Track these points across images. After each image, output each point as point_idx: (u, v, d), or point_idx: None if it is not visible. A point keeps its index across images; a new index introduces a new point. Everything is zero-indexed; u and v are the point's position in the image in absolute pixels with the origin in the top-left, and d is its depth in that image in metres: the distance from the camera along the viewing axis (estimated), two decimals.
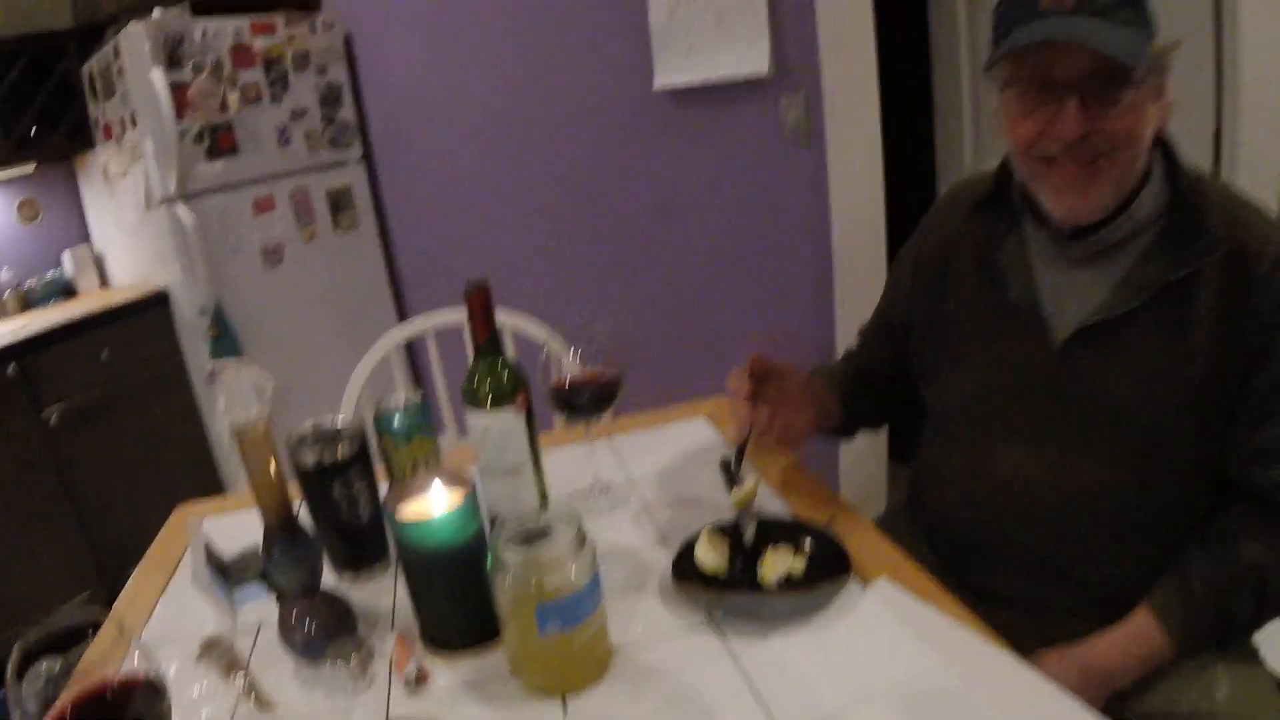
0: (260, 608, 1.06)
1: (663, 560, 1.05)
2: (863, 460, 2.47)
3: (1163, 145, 1.09)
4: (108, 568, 2.86)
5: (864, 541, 1.06)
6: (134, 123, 2.90)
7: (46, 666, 0.69)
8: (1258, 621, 1.07)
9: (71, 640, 0.71)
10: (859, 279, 2.31)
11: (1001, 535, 1.18)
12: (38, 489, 2.68)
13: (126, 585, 1.19)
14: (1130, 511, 1.10)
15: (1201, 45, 1.95)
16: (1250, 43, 1.85)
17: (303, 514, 1.01)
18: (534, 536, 0.87)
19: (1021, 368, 1.15)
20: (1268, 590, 1.03)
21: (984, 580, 1.18)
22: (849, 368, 1.44)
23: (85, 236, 3.50)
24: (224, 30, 2.99)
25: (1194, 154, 2.00)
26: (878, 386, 1.41)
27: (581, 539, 0.84)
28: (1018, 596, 1.16)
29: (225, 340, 2.95)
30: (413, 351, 1.74)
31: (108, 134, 3.11)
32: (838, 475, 2.52)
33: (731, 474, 1.16)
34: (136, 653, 0.71)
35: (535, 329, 1.84)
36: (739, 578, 1.00)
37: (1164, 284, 1.03)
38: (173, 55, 2.84)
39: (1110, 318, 1.06)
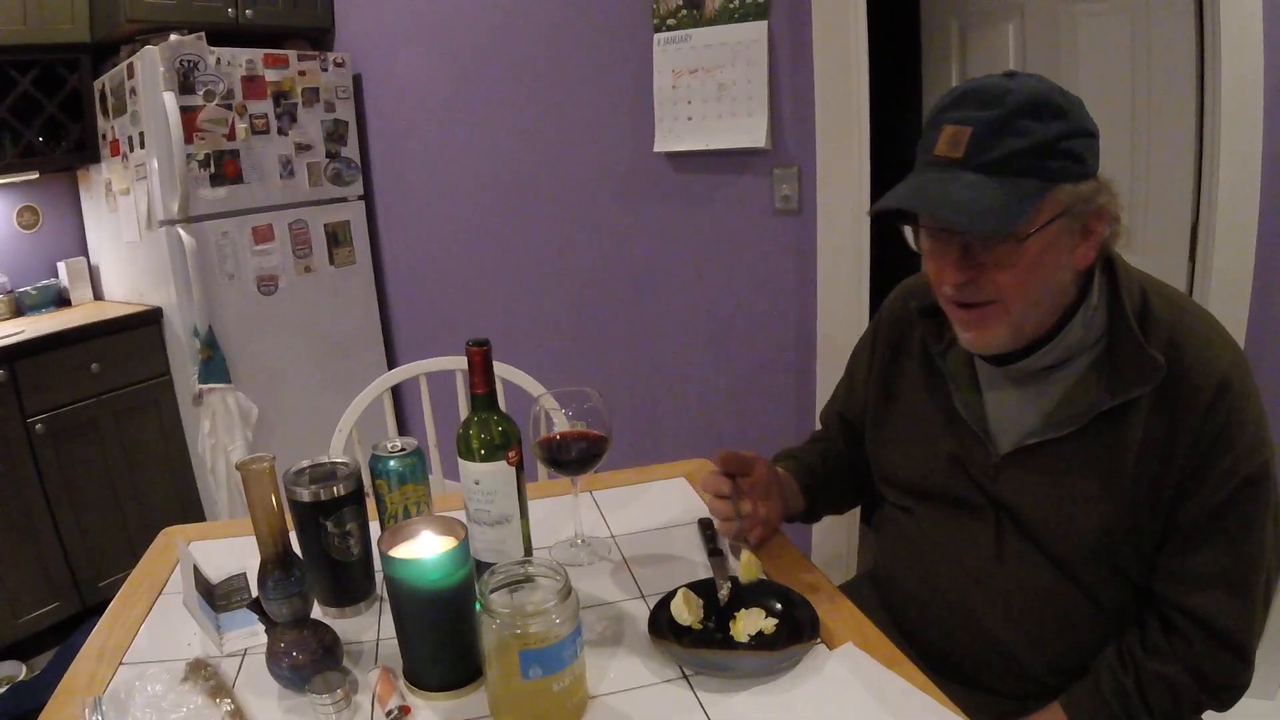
0: (246, 635, 1.08)
1: (640, 613, 1.09)
2: (835, 524, 2.50)
3: (1108, 263, 1.08)
4: (81, 580, 2.84)
5: (833, 607, 1.10)
6: (142, 143, 2.93)
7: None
8: None
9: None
10: (841, 348, 2.33)
11: (951, 620, 1.20)
12: (17, 495, 2.67)
13: (111, 604, 1.20)
14: (1068, 611, 1.11)
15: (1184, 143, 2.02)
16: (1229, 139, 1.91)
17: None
18: (521, 585, 0.93)
19: (962, 474, 1.17)
20: (1180, 700, 1.04)
21: (940, 656, 1.20)
22: (811, 454, 1.45)
23: (82, 249, 3.51)
24: (237, 60, 3.05)
25: (1170, 247, 2.06)
26: (839, 475, 1.44)
27: (567, 590, 0.88)
28: (972, 676, 1.18)
29: (215, 364, 2.97)
30: (396, 391, 1.79)
31: (114, 150, 3.14)
32: (810, 536, 2.55)
33: (710, 534, 1.21)
34: None
35: (523, 379, 1.88)
36: (712, 635, 1.04)
37: (1098, 413, 1.04)
38: (185, 80, 2.89)
39: (1044, 439, 1.08)
